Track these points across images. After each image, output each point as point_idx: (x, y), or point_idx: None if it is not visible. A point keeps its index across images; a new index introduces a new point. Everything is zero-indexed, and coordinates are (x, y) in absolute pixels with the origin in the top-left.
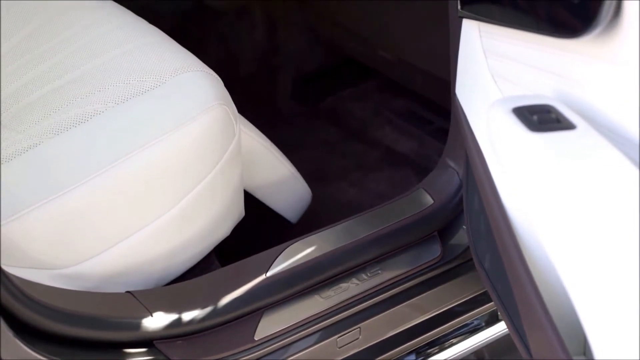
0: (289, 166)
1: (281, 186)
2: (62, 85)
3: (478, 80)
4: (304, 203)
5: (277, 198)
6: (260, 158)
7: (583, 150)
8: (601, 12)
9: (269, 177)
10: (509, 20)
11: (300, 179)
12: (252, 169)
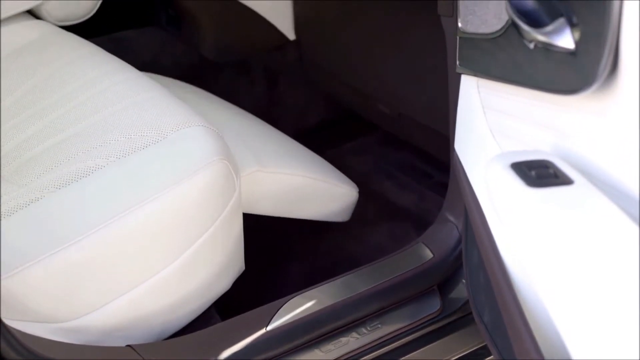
0: (326, 179)
1: (324, 200)
2: (64, 139)
3: (477, 135)
4: (352, 200)
5: (324, 213)
6: (298, 190)
7: (580, 205)
8: (598, 68)
9: (311, 200)
10: (507, 76)
11: (340, 184)
12: (296, 203)
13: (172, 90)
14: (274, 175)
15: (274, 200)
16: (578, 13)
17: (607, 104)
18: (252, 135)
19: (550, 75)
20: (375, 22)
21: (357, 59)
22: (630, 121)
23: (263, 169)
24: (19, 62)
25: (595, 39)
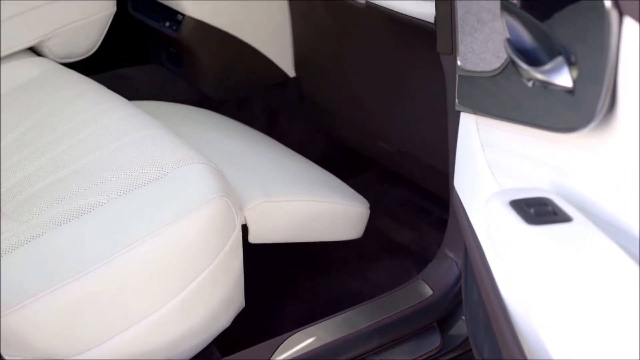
0: (335, 200)
1: (335, 220)
2: (64, 176)
3: (476, 173)
4: (363, 217)
5: (335, 233)
6: (307, 215)
7: (579, 242)
8: (596, 107)
9: (321, 223)
10: (506, 114)
11: (349, 202)
12: (306, 227)
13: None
14: (281, 203)
15: (283, 228)
16: (576, 52)
17: (605, 142)
18: (260, 162)
19: (548, 113)
20: (374, 60)
21: (357, 96)
22: (628, 159)
23: (270, 199)
24: (21, 99)
25: (593, 78)
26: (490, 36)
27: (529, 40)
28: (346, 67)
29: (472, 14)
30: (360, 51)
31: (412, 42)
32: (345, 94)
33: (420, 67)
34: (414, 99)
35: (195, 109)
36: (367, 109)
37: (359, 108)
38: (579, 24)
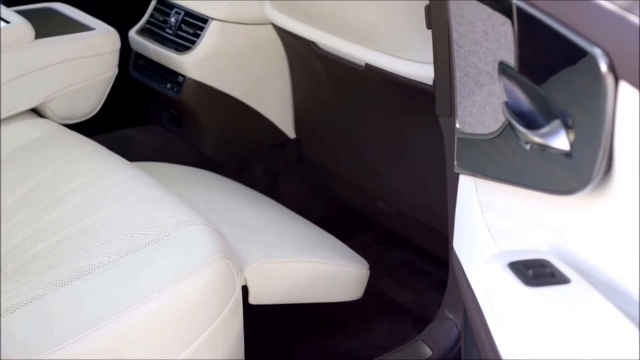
0: (334, 261)
1: (335, 282)
2: (66, 237)
3: (475, 234)
4: (363, 278)
5: (335, 294)
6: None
7: (577, 304)
8: (593, 170)
9: (321, 284)
10: (504, 176)
11: (349, 263)
12: (306, 288)
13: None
14: (281, 264)
15: (283, 289)
16: (573, 115)
17: (603, 204)
18: (260, 223)
19: (546, 176)
20: (374, 122)
21: (357, 158)
22: (625, 221)
23: (270, 260)
24: (23, 160)
25: (589, 141)
26: (488, 99)
27: (527, 104)
28: (346, 129)
29: (470, 77)
30: (359, 113)
31: (411, 104)
32: (345, 155)
33: (419, 129)
34: (413, 160)
35: (196, 170)
36: (366, 170)
37: (358, 169)
38: (575, 88)
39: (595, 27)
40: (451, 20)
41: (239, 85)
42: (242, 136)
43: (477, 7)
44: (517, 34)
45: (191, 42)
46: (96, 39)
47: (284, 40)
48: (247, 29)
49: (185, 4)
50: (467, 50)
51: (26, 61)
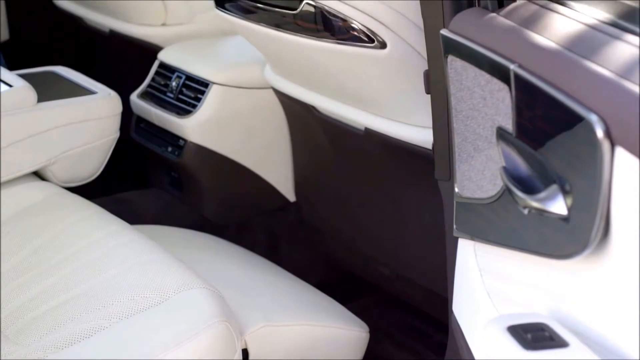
0: (334, 324)
1: (335, 345)
2: (67, 300)
3: (474, 298)
4: (363, 341)
5: (335, 357)
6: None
7: None
8: (591, 234)
9: (321, 347)
10: (503, 240)
11: (349, 327)
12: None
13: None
14: (281, 328)
15: (284, 352)
16: (570, 180)
17: (600, 268)
18: (260, 287)
19: (544, 240)
20: (374, 185)
21: (357, 221)
22: (622, 285)
23: (270, 323)
24: (24, 223)
25: (587, 206)
26: (487, 164)
27: (525, 169)
28: (346, 192)
29: (468, 142)
30: (359, 176)
31: (410, 168)
32: (345, 218)
33: (418, 193)
34: (412, 224)
35: (196, 233)
36: (366, 233)
37: (358, 232)
38: (572, 153)
39: (591, 94)
40: (450, 86)
41: (239, 148)
42: (242, 199)
43: (475, 73)
44: (514, 99)
45: (192, 106)
46: (98, 103)
47: (284, 104)
48: (248, 92)
49: (186, 67)
50: (465, 115)
51: (28, 124)
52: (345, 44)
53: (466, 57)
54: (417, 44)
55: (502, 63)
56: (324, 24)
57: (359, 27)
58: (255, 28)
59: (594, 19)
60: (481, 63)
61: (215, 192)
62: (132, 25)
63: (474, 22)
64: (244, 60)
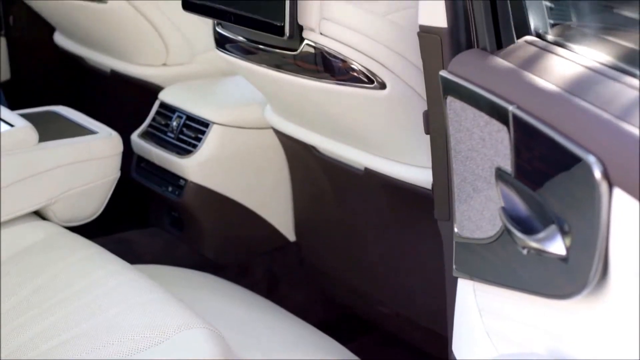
0: None
1: None
2: (67, 340)
3: (474, 337)
4: None
5: None
6: None
7: None
8: (589, 275)
9: None
10: (502, 280)
11: None
12: None
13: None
14: None
15: None
16: (569, 220)
17: (599, 308)
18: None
19: (543, 280)
20: (374, 224)
21: (356, 260)
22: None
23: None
24: (25, 263)
25: (585, 246)
26: (486, 204)
27: (523, 209)
28: (345, 232)
29: (468, 183)
30: (359, 216)
31: (410, 208)
32: (345, 258)
33: (418, 232)
34: (412, 263)
35: (196, 273)
36: (366, 273)
37: (358, 272)
38: (571, 194)
39: (589, 135)
40: (449, 127)
41: (240, 188)
42: (243, 239)
43: (474, 114)
44: (513, 140)
45: (192, 146)
46: (99, 143)
47: (284, 143)
48: (248, 132)
49: (186, 107)
50: (464, 156)
51: (29, 164)
52: (345, 85)
53: (465, 98)
54: (416, 84)
55: (500, 104)
56: (324, 65)
57: (359, 68)
58: (256, 69)
59: (592, 61)
60: (480, 104)
61: (215, 232)
62: (133, 66)
63: (472, 64)
64: (245, 101)
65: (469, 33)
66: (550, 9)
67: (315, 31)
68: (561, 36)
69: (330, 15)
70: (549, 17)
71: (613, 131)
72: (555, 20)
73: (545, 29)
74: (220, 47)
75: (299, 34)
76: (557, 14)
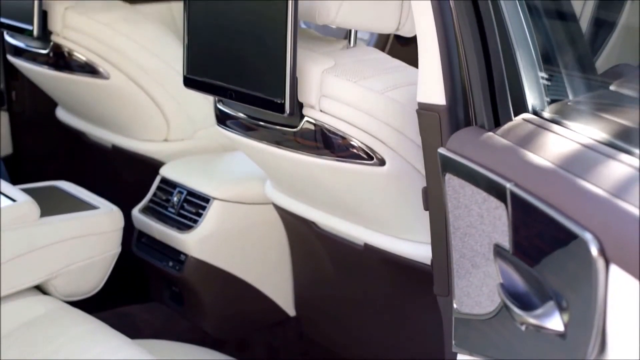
0: None
1: None
2: None
3: None
4: None
5: None
6: None
7: None
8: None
9: None
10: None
11: None
12: None
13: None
14: None
15: None
16: (566, 297)
17: None
18: None
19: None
20: (374, 299)
21: (356, 335)
22: None
23: None
24: (26, 338)
25: (583, 322)
26: (484, 280)
27: (522, 285)
28: (346, 306)
29: (466, 259)
30: (359, 290)
31: (409, 283)
32: (345, 332)
33: (418, 307)
34: (412, 338)
35: (196, 348)
36: (366, 347)
37: (358, 346)
38: (568, 270)
39: (586, 212)
40: (448, 203)
41: (240, 263)
42: (243, 314)
43: (472, 191)
44: (510, 217)
45: (193, 221)
46: (100, 218)
47: (284, 219)
48: (248, 208)
49: (187, 183)
50: (463, 232)
51: (31, 239)
52: (345, 161)
53: (463, 175)
54: (415, 161)
55: (498, 182)
56: (324, 142)
57: (358, 145)
58: (256, 145)
59: (588, 138)
60: (478, 181)
61: (215, 307)
62: (135, 141)
63: (470, 141)
64: (245, 176)
65: (467, 110)
66: (547, 86)
67: (315, 108)
68: (558, 113)
69: (330, 93)
70: (546, 94)
71: (609, 209)
72: (552, 97)
73: (542, 106)
74: (221, 124)
75: (299, 111)
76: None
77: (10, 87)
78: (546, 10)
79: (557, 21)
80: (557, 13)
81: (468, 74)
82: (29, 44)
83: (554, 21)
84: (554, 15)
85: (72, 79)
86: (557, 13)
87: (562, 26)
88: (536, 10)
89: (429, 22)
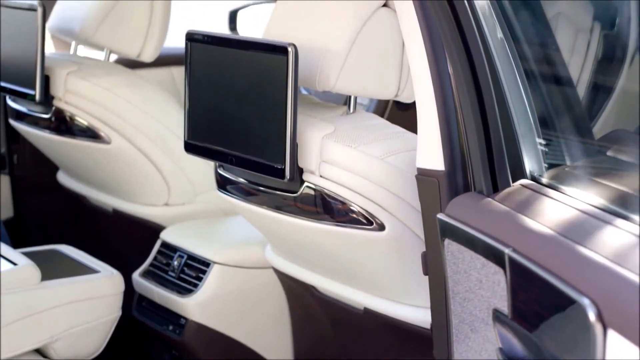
0: None
1: None
2: None
3: None
4: None
5: None
6: None
7: None
8: None
9: None
10: None
11: None
12: None
13: None
14: None
15: None
16: None
17: None
18: None
19: None
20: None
21: None
22: None
23: None
24: None
25: None
26: (484, 345)
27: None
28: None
29: (466, 323)
30: (359, 354)
31: (409, 347)
32: None
33: None
34: None
35: None
36: None
37: None
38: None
39: (583, 278)
40: (447, 268)
41: (240, 327)
42: None
43: (471, 257)
44: (509, 282)
45: (193, 285)
46: (100, 282)
47: (284, 283)
48: (248, 272)
49: (188, 247)
50: (462, 297)
51: (31, 302)
52: (345, 226)
53: (462, 241)
54: (415, 226)
55: (497, 247)
56: (324, 207)
57: (358, 210)
58: (256, 210)
59: (586, 204)
60: (477, 247)
61: None
62: (136, 205)
63: (469, 207)
64: (245, 240)
65: (465, 176)
66: (545, 152)
67: (315, 174)
68: (556, 179)
69: (330, 158)
70: (544, 159)
71: (606, 274)
72: (550, 162)
73: (540, 172)
74: (222, 189)
75: (299, 177)
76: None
77: (12, 150)
78: (543, 76)
79: (555, 86)
80: (554, 78)
81: (467, 140)
82: (31, 109)
83: (551, 86)
84: (551, 80)
85: (73, 143)
86: (554, 78)
87: (559, 91)
88: (533, 75)
89: (428, 88)
